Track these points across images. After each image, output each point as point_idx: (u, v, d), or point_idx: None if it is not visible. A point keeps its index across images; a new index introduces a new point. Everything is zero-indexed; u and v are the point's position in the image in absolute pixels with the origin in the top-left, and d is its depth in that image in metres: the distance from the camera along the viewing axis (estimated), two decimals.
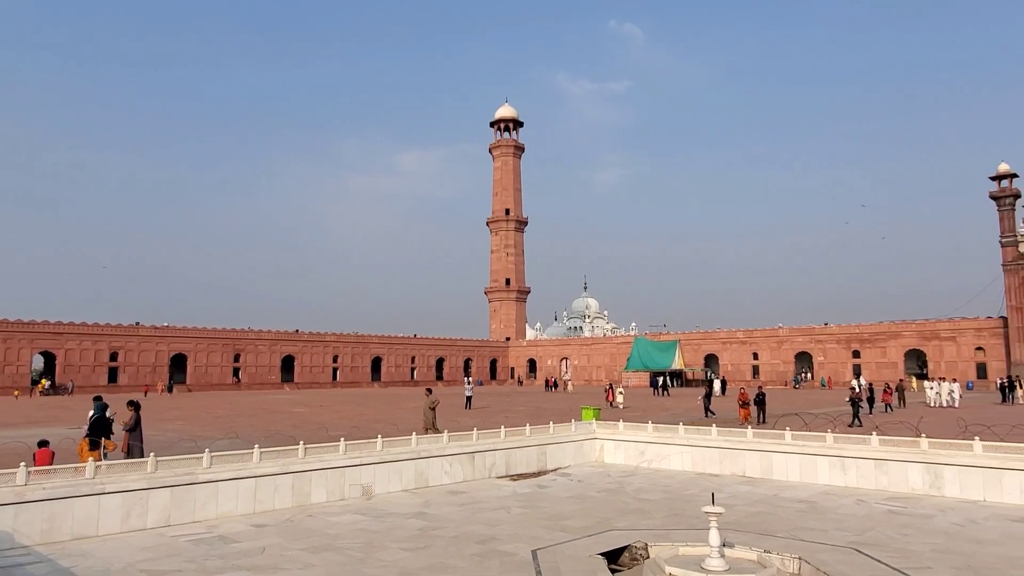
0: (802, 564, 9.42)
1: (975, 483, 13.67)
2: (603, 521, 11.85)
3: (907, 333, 69.61)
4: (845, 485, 15.12)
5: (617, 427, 19.72)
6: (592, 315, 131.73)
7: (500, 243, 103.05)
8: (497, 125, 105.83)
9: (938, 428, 20.99)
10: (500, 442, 17.11)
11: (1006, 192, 63.55)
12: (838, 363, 72.27)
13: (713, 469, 17.27)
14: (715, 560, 8.62)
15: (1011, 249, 63.00)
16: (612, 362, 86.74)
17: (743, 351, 79.15)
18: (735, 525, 11.23)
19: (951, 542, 10.38)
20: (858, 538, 10.60)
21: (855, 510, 12.81)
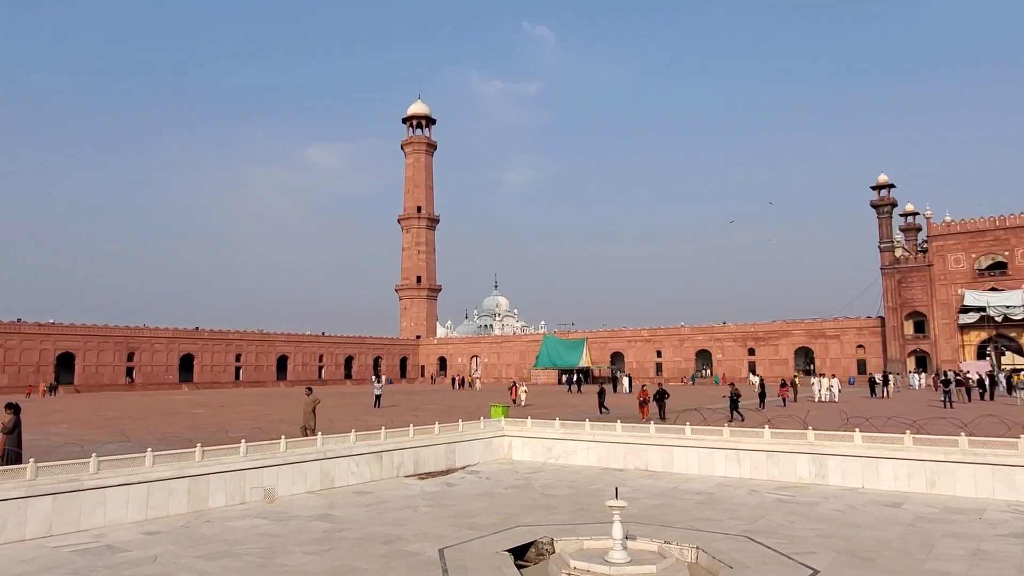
0: (699, 553, 9.84)
1: (855, 471, 14.65)
2: (510, 518, 11.96)
3: (797, 332, 73.73)
4: (740, 476, 15.87)
5: (525, 424, 19.94)
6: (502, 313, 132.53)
7: (411, 241, 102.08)
8: (409, 121, 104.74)
9: (823, 421, 22.32)
10: (408, 441, 16.98)
11: (884, 201, 68.31)
12: (735, 360, 75.71)
13: (618, 464, 17.75)
14: (618, 553, 8.88)
15: (888, 254, 67.81)
16: (521, 360, 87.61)
17: (647, 349, 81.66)
18: (638, 518, 11.59)
19: (833, 527, 11.09)
20: (750, 526, 11.16)
21: (748, 500, 13.47)
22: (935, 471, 13.80)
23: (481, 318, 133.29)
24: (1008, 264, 62.00)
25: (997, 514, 11.85)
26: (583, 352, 76.67)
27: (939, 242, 65.16)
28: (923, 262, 66.22)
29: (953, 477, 13.62)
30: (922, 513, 12.02)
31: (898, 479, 14.13)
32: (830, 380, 38.23)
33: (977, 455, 13.51)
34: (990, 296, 61.53)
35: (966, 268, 63.72)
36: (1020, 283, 60.80)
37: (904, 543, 10.03)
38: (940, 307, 64.42)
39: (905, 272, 66.85)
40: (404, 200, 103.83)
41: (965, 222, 64.60)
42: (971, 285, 63.03)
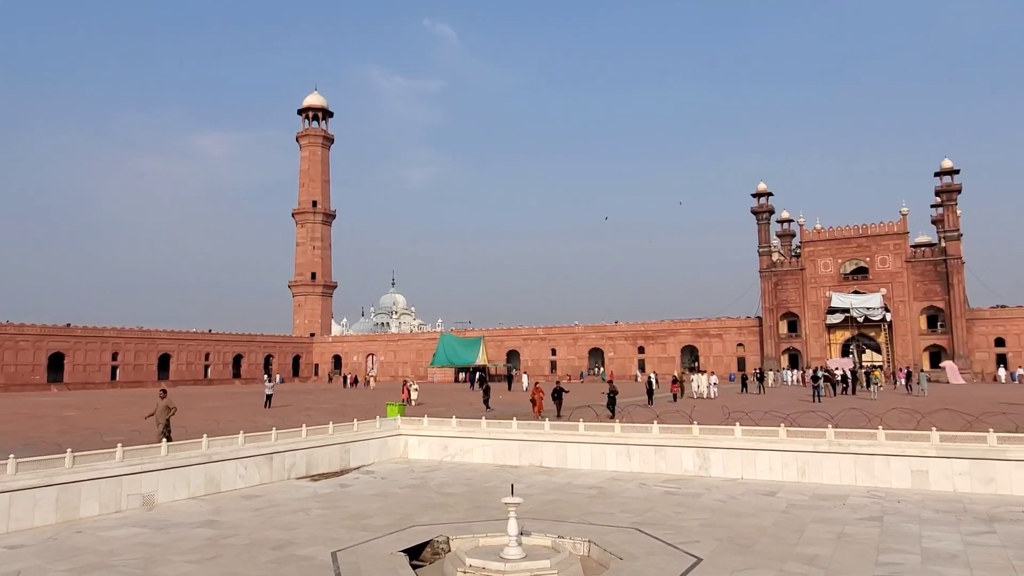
0: (591, 546, 10.13)
1: (735, 463, 15.52)
2: (406, 517, 11.88)
3: (683, 331, 77.11)
4: (630, 471, 16.45)
5: (422, 423, 19.83)
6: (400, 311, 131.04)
7: (306, 236, 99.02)
8: (305, 113, 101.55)
9: (707, 416, 23.48)
10: (301, 441, 16.51)
11: (763, 208, 72.58)
12: (626, 358, 78.26)
13: (513, 461, 17.97)
14: (513, 549, 9.00)
15: (766, 258, 72.12)
16: (418, 358, 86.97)
17: (542, 347, 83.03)
18: (533, 513, 11.79)
19: (715, 516, 11.70)
20: (640, 518, 11.60)
21: (638, 493, 13.99)
22: (806, 461, 14.83)
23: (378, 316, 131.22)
24: (869, 269, 67.35)
25: (858, 499, 12.88)
26: (480, 350, 76.99)
27: (810, 248, 69.90)
28: (796, 266, 70.83)
29: (821, 466, 14.68)
30: (794, 500, 12.88)
31: (773, 469, 15.08)
32: (708, 377, 40.00)
33: (842, 446, 14.63)
34: (853, 298, 66.61)
35: (833, 272, 68.69)
36: (879, 287, 66.20)
37: (778, 529, 10.73)
38: (811, 308, 69.13)
39: (780, 275, 71.28)
40: (299, 194, 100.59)
41: (833, 230, 69.61)
42: (837, 288, 68.01)
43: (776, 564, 8.82)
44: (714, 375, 41.83)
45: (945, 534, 10.28)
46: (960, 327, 62.86)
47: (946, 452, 13.76)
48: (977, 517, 11.36)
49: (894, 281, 65.88)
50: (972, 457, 13.55)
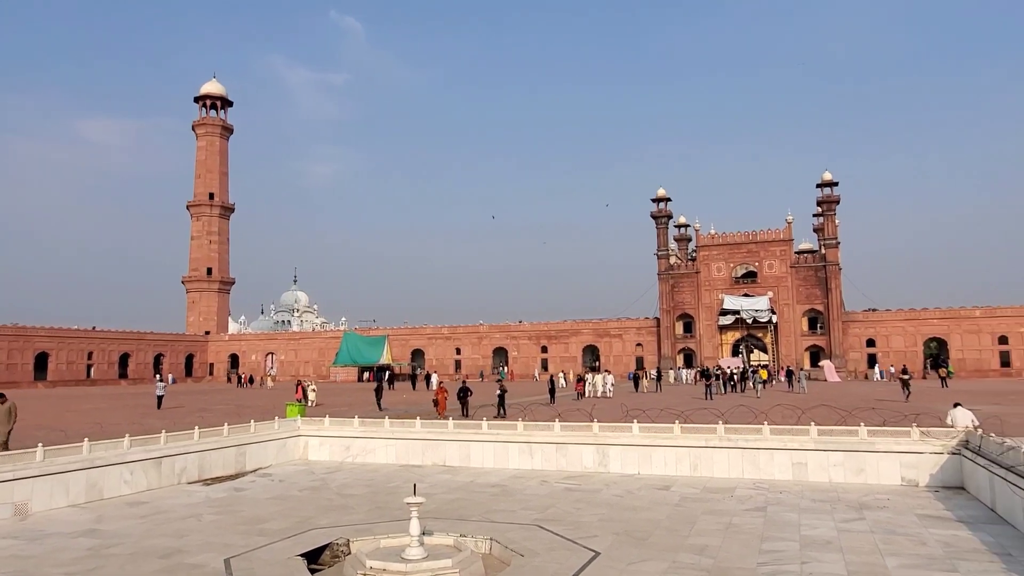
0: (493, 544, 10.24)
1: (633, 459, 16.06)
2: (305, 521, 11.61)
3: (585, 331, 78.95)
4: (532, 468, 16.71)
5: (323, 423, 19.41)
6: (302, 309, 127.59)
7: (202, 229, 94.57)
8: (203, 101, 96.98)
9: (607, 414, 24.17)
10: (193, 444, 15.80)
11: (662, 213, 75.36)
12: (529, 357, 79.29)
13: (416, 460, 17.89)
14: (414, 549, 8.98)
15: (664, 261, 74.94)
16: (321, 357, 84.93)
17: (447, 346, 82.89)
18: (435, 513, 11.79)
19: (613, 511, 12.08)
20: (541, 515, 11.82)
21: (539, 490, 14.24)
22: (698, 456, 15.54)
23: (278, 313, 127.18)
24: (758, 274, 71.19)
25: (745, 491, 13.62)
26: (384, 349, 76.01)
27: (705, 252, 73.15)
28: (692, 269, 73.94)
29: (712, 460, 15.42)
30: (687, 494, 13.48)
31: (668, 464, 15.71)
32: (604, 376, 41.02)
33: (731, 441, 15.42)
34: (743, 301, 70.24)
35: (725, 276, 72.17)
36: (767, 290, 70.10)
37: (672, 522, 11.20)
38: (704, 310, 72.34)
39: (677, 278, 74.21)
40: (195, 185, 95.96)
41: (726, 235, 73.12)
42: (729, 291, 71.50)
43: (669, 555, 9.22)
44: (610, 374, 42.96)
45: (821, 522, 11.04)
46: (837, 329, 67.45)
47: (823, 445, 14.76)
48: (849, 505, 12.26)
49: (780, 285, 69.90)
50: (845, 449, 14.60)
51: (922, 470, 13.99)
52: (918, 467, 14.04)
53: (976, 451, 12.75)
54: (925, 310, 68.31)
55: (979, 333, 65.73)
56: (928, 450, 14.03)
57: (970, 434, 13.67)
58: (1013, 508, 10.47)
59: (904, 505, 12.19)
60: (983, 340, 65.57)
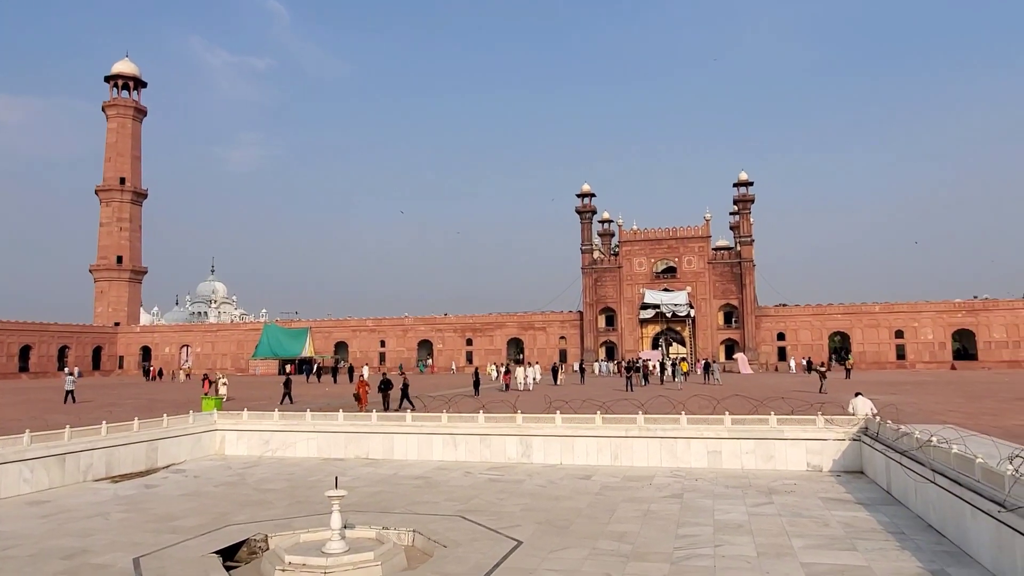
0: (416, 536, 10.22)
1: (556, 450, 16.31)
2: (220, 517, 11.27)
3: (510, 324, 79.44)
4: (456, 460, 16.74)
5: (241, 416, 18.86)
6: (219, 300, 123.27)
7: (112, 215, 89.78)
8: (114, 81, 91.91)
9: (531, 405, 24.42)
10: (100, 440, 15.07)
11: (586, 208, 76.53)
12: (454, 350, 79.17)
13: (339, 453, 17.62)
14: (335, 543, 8.87)
15: (588, 255, 76.17)
16: (240, 349, 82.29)
17: (372, 339, 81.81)
18: (357, 506, 11.67)
19: (536, 501, 12.25)
20: (464, 506, 11.87)
21: (463, 481, 14.28)
22: (618, 446, 15.92)
23: (194, 305, 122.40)
24: (677, 269, 73.30)
25: (663, 479, 14.06)
26: (306, 342, 74.31)
27: (627, 247, 74.76)
28: (614, 264, 75.43)
29: (631, 450, 15.83)
30: (607, 483, 13.80)
31: (589, 454, 16.03)
32: (526, 370, 41.30)
33: (650, 430, 15.87)
34: (663, 296, 72.22)
35: (646, 271, 73.99)
36: (685, 285, 72.28)
37: (592, 510, 11.46)
38: (626, 304, 73.98)
39: (600, 272, 75.57)
40: (105, 169, 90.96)
41: (647, 231, 74.93)
42: (650, 286, 73.36)
43: (590, 542, 9.43)
44: (533, 366, 43.30)
45: (733, 507, 11.52)
46: (750, 323, 70.26)
47: (736, 434, 15.40)
48: (759, 490, 12.84)
49: (698, 280, 72.20)
50: (757, 437, 15.28)
51: (826, 456, 14.79)
52: (822, 453, 14.83)
53: (874, 438, 13.57)
54: (831, 305, 71.99)
55: (878, 327, 69.78)
56: (831, 437, 14.84)
57: (869, 422, 14.53)
58: (906, 490, 11.20)
59: (809, 489, 12.86)
60: (881, 334, 69.66)
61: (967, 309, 68.40)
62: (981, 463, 8.35)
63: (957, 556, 8.50)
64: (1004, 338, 66.80)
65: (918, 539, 9.33)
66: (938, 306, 69.17)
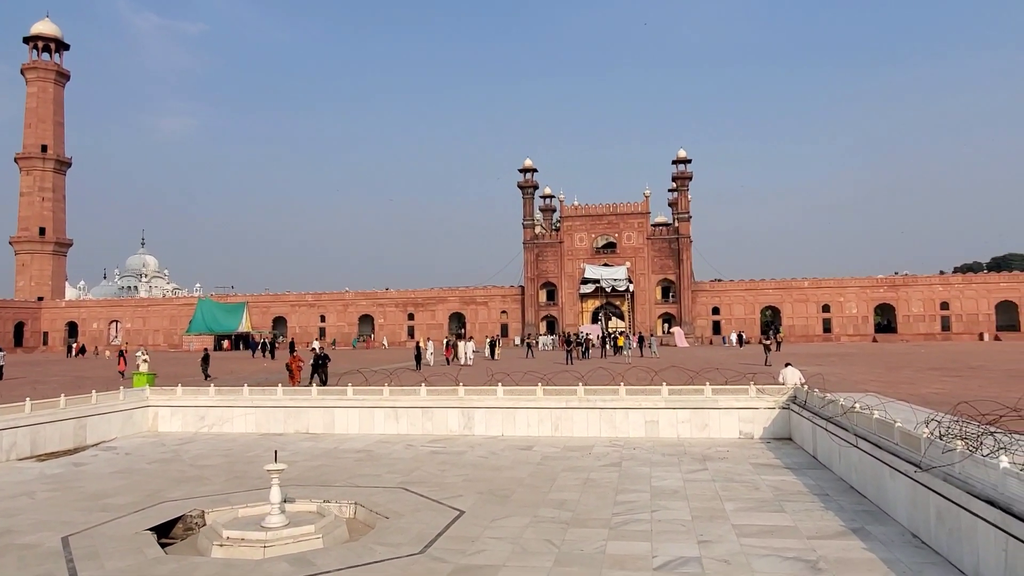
0: (357, 508, 10.20)
1: (497, 421, 16.46)
2: (154, 494, 11.00)
3: (452, 298, 79.34)
4: (398, 433, 16.73)
5: (175, 392, 18.36)
6: (150, 274, 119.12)
7: (33, 185, 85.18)
8: (34, 43, 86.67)
9: (473, 378, 24.54)
10: (23, 417, 14.45)
11: (528, 183, 76.64)
12: (396, 325, 78.68)
13: (278, 428, 17.38)
14: (275, 517, 8.78)
15: (530, 230, 76.46)
16: (173, 325, 79.82)
17: (311, 313, 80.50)
18: (298, 480, 11.56)
19: (477, 471, 12.37)
20: (406, 478, 11.90)
21: (405, 454, 14.30)
22: (559, 417, 16.18)
23: (124, 279, 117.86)
24: (617, 244, 74.34)
25: (602, 449, 14.37)
26: (243, 317, 72.52)
27: (568, 222, 75.32)
28: (556, 239, 75.99)
29: (572, 421, 16.11)
30: (548, 453, 14.02)
31: (531, 425, 16.25)
32: (465, 344, 41.43)
33: (590, 402, 16.17)
34: (603, 271, 73.23)
35: (587, 246, 74.79)
36: (625, 261, 73.43)
37: (534, 479, 11.64)
38: (567, 279, 74.73)
39: (542, 247, 76.02)
40: (24, 136, 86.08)
41: (588, 207, 75.60)
42: (590, 261, 74.24)
43: (531, 511, 9.59)
44: (471, 341, 43.60)
45: (669, 474, 11.89)
46: (687, 298, 72.00)
47: (672, 404, 15.83)
48: (694, 458, 13.28)
49: (637, 256, 73.42)
50: (692, 407, 15.75)
51: (757, 424, 15.38)
52: (754, 421, 15.41)
53: (802, 406, 14.17)
54: (763, 281, 74.35)
55: (807, 302, 72.51)
56: (762, 406, 15.43)
57: (797, 391, 15.16)
58: (831, 454, 11.77)
59: (741, 456, 13.36)
60: (809, 308, 72.44)
61: (888, 285, 71.68)
62: (900, 427, 8.83)
63: (876, 515, 9.00)
64: (921, 312, 70.35)
65: (841, 500, 9.83)
66: (862, 282, 72.27)
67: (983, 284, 70.65)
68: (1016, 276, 71.46)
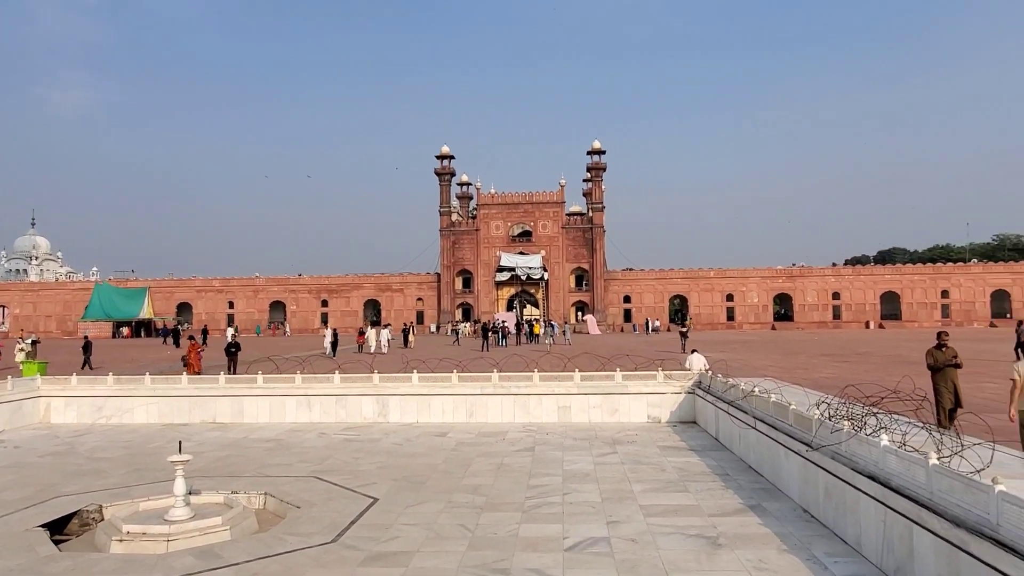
0: (267, 499, 10.00)
1: (412, 408, 16.42)
2: (47, 489, 10.41)
3: (367, 285, 78.20)
4: (310, 421, 16.43)
5: (69, 382, 17.36)
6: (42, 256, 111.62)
7: None
8: None
9: (388, 365, 24.33)
10: None
11: (445, 170, 76.31)
12: (309, 312, 76.88)
13: (183, 419, 16.74)
14: (179, 509, 8.49)
15: (446, 217, 76.20)
16: (67, 311, 75.14)
17: (219, 300, 77.58)
18: (204, 471, 11.20)
19: (391, 459, 12.33)
20: (318, 467, 11.73)
21: (317, 442, 14.07)
22: (474, 403, 16.30)
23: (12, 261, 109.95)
24: (533, 233, 75.14)
25: (515, 434, 14.60)
26: (144, 303, 69.12)
27: (485, 210, 75.51)
28: (472, 227, 76.05)
29: (486, 407, 16.27)
30: (462, 439, 14.12)
31: (445, 412, 16.30)
32: (379, 332, 41.01)
33: (504, 388, 16.37)
34: (519, 259, 73.91)
35: (503, 234, 75.23)
36: (540, 249, 74.33)
37: (448, 465, 11.72)
38: (483, 266, 74.98)
39: (458, 235, 75.92)
40: None
41: (504, 195, 76.00)
42: (506, 249, 74.74)
43: (445, 496, 9.67)
44: (385, 329, 42.99)
45: (581, 458, 12.22)
46: (599, 286, 73.67)
47: (584, 390, 16.24)
48: (604, 442, 13.68)
49: (552, 245, 74.46)
50: (603, 393, 16.20)
51: (664, 408, 15.99)
52: (661, 406, 16.01)
53: (706, 390, 14.84)
54: (672, 270, 76.95)
55: (712, 291, 75.60)
56: (669, 391, 16.05)
57: (702, 376, 15.85)
58: (732, 436, 12.40)
59: (649, 439, 13.88)
60: (715, 297, 75.57)
61: (786, 275, 75.64)
62: (794, 409, 9.41)
63: (771, 492, 9.58)
64: (816, 301, 74.64)
65: (740, 479, 10.39)
66: (763, 272, 75.96)
67: (870, 276, 75.58)
68: (899, 269, 76.88)
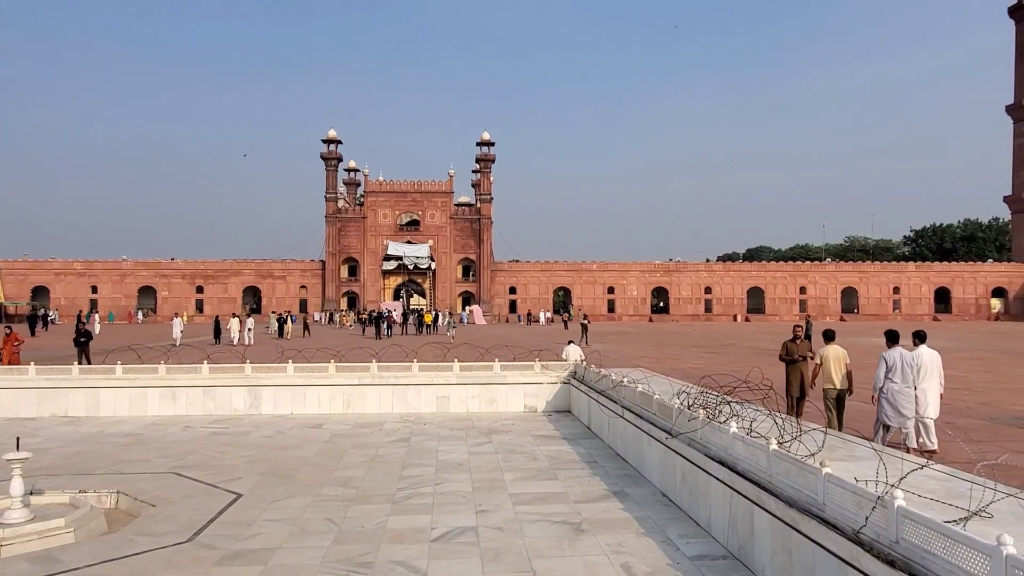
0: (120, 497, 9.40)
1: (286, 399, 15.92)
2: None
3: (246, 271, 74.91)
4: (175, 414, 15.57)
5: None
6: None
7: None
8: None
9: (264, 355, 23.45)
10: None
11: (332, 155, 74.27)
12: (183, 298, 72.73)
13: (30, 412, 15.44)
14: (17, 511, 7.84)
15: (332, 204, 74.24)
16: None
17: (81, 284, 71.92)
18: (50, 469, 10.41)
19: (261, 452, 11.91)
20: (180, 462, 11.15)
21: (181, 436, 13.37)
22: (351, 394, 16.02)
23: None
24: (421, 222, 74.58)
25: (393, 425, 14.48)
26: None
27: (373, 198, 74.16)
28: (359, 214, 74.49)
29: (364, 397, 16.03)
30: (338, 431, 13.85)
31: (322, 403, 15.92)
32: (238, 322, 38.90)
33: (383, 378, 16.19)
34: (406, 248, 73.17)
35: (391, 223, 74.20)
36: (428, 239, 73.90)
37: (320, 458, 11.46)
38: (370, 255, 73.67)
39: (345, 222, 74.14)
40: None
41: (393, 183, 74.93)
42: (394, 237, 73.78)
43: (314, 489, 9.46)
44: (250, 319, 40.58)
45: (456, 447, 12.29)
46: (486, 277, 74.23)
47: (463, 380, 16.33)
48: (481, 432, 13.83)
49: (440, 235, 74.22)
50: (481, 383, 16.36)
51: (540, 398, 16.35)
52: (537, 396, 16.36)
53: (580, 380, 15.31)
54: (556, 262, 78.67)
55: (594, 284, 77.97)
56: (546, 380, 16.43)
57: (577, 366, 16.33)
58: (602, 425, 12.87)
59: (524, 428, 14.16)
60: (597, 290, 78.00)
61: (664, 270, 79.16)
62: (657, 399, 9.88)
63: (635, 478, 10.03)
64: (690, 295, 78.62)
65: (607, 466, 10.81)
66: (642, 266, 79.11)
67: (738, 272, 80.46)
68: (764, 266, 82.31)
